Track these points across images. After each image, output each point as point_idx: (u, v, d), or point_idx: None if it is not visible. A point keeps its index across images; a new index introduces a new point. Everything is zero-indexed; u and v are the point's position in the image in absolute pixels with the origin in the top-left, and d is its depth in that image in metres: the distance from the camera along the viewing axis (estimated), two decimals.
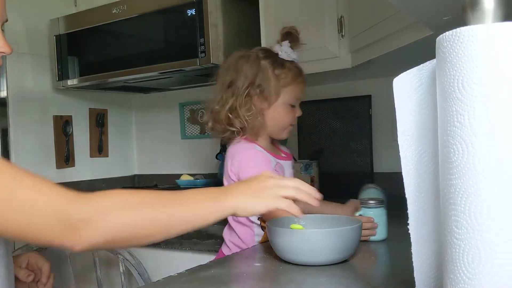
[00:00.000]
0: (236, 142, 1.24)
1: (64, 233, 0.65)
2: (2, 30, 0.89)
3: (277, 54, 1.25)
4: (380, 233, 1.09)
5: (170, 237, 0.76)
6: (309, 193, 0.83)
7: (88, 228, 0.66)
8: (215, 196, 0.78)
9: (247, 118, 1.20)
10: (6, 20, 0.91)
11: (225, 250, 1.28)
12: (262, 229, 1.22)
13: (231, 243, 1.26)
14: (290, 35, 1.26)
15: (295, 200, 0.81)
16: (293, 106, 1.27)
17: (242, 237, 1.23)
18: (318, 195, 0.84)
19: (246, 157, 1.20)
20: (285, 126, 1.27)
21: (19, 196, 0.64)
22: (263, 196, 0.80)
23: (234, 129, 1.23)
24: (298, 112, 1.29)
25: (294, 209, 0.81)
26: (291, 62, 1.26)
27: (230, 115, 1.22)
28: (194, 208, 0.76)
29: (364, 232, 1.03)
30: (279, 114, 1.25)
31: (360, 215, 1.09)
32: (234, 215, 0.79)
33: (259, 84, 1.21)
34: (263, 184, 0.82)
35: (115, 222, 0.68)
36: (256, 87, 1.21)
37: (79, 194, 0.67)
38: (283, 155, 1.33)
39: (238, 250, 1.21)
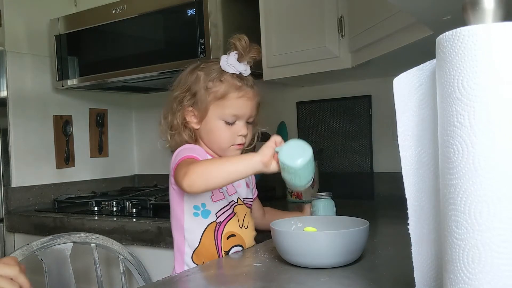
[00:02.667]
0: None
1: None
2: None
3: (220, 65, 1.13)
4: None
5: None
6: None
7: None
8: None
9: (174, 131, 1.15)
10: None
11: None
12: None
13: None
14: (240, 42, 1.10)
15: None
16: (230, 124, 1.12)
17: (175, 264, 1.17)
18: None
19: (181, 148, 1.13)
20: (223, 146, 1.14)
21: None
22: None
23: (164, 137, 1.18)
24: (242, 131, 1.13)
25: None
26: (234, 75, 1.12)
27: (163, 125, 1.18)
28: None
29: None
30: (212, 131, 1.13)
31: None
32: None
33: (191, 97, 1.13)
34: None
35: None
36: (188, 99, 1.13)
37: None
38: None
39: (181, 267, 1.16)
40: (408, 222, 0.60)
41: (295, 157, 0.93)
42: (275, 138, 0.97)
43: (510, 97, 0.47)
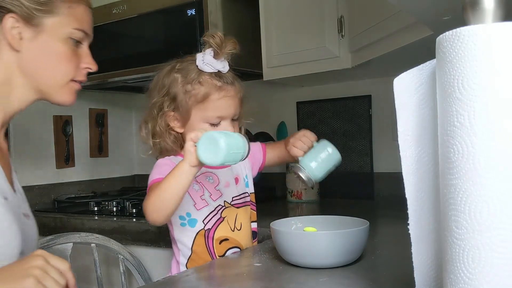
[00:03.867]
0: None
1: None
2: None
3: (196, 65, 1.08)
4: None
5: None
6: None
7: None
8: None
9: (156, 137, 1.12)
10: (91, 40, 1.01)
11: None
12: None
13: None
14: (214, 39, 1.05)
15: None
16: (215, 125, 1.08)
17: (172, 271, 1.17)
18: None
19: (155, 165, 1.10)
20: None
21: None
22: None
23: (147, 143, 1.14)
24: (228, 131, 1.06)
25: None
26: (212, 74, 1.07)
27: (143, 131, 1.15)
28: None
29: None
30: None
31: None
32: None
33: (171, 101, 1.09)
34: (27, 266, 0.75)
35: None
36: (170, 104, 1.09)
37: None
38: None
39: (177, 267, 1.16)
40: (408, 222, 0.60)
41: (211, 154, 0.92)
42: (191, 136, 0.94)
43: (510, 97, 0.47)
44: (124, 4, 1.93)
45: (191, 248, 1.12)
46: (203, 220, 1.12)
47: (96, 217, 1.77)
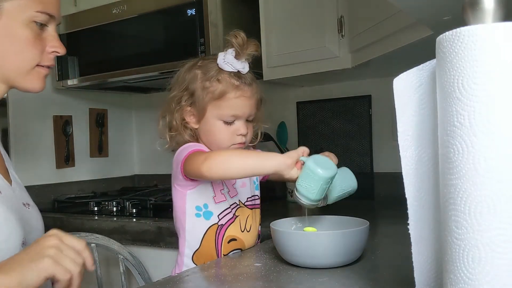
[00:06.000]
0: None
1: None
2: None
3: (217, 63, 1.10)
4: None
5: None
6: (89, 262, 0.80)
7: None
8: None
9: (173, 131, 1.14)
10: (60, 23, 0.97)
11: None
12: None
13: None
14: (236, 39, 1.08)
15: None
16: (229, 123, 1.11)
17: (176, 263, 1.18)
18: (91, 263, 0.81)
19: (186, 146, 1.11)
20: (222, 146, 1.11)
21: None
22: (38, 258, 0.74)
23: (163, 138, 1.16)
24: (241, 130, 1.11)
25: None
26: (231, 73, 1.09)
27: (160, 124, 1.17)
28: None
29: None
30: (211, 131, 1.11)
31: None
32: None
33: (189, 96, 1.11)
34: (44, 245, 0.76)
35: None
36: (188, 98, 1.11)
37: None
38: None
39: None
40: (408, 222, 0.60)
41: (324, 167, 0.92)
42: (303, 148, 0.98)
43: (510, 97, 0.47)
44: (124, 4, 1.93)
45: (201, 241, 1.12)
46: (218, 215, 1.13)
47: (96, 217, 1.77)
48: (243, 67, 1.10)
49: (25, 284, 0.71)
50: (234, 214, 1.15)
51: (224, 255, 1.13)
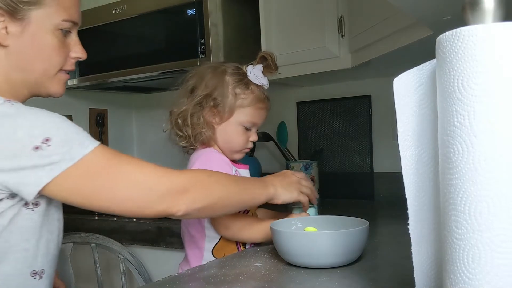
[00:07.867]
0: (196, 151, 1.22)
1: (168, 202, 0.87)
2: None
3: (246, 74, 1.21)
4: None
5: (232, 211, 1.06)
6: (314, 194, 1.13)
7: (187, 195, 0.88)
8: (263, 185, 1.05)
9: (194, 127, 1.19)
10: (80, 24, 1.02)
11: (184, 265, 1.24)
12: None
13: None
14: (265, 61, 1.21)
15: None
16: (247, 129, 1.22)
17: (190, 258, 1.21)
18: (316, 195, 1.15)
19: (206, 160, 1.17)
20: (235, 149, 1.22)
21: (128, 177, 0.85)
22: (291, 189, 1.09)
23: (181, 134, 1.21)
24: (253, 137, 1.23)
25: (307, 203, 1.13)
26: (258, 86, 1.21)
27: (179, 120, 1.21)
28: (253, 192, 1.03)
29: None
30: (230, 134, 1.20)
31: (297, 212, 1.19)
32: (271, 200, 1.07)
33: (215, 98, 1.18)
34: (289, 179, 1.10)
35: (207, 191, 0.93)
36: (212, 100, 1.18)
37: (171, 169, 0.89)
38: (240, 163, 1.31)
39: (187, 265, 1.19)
40: (408, 222, 0.60)
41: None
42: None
43: (510, 97, 0.47)
44: (124, 4, 1.93)
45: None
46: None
47: (96, 217, 1.77)
48: (267, 83, 1.22)
49: (282, 199, 1.09)
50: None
51: (243, 245, 1.18)
